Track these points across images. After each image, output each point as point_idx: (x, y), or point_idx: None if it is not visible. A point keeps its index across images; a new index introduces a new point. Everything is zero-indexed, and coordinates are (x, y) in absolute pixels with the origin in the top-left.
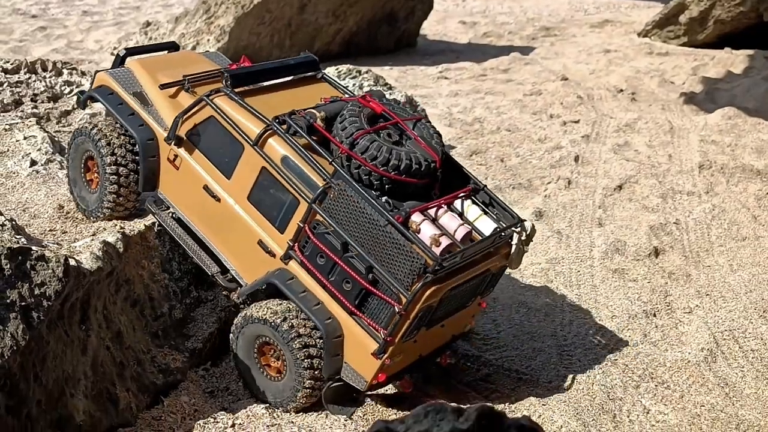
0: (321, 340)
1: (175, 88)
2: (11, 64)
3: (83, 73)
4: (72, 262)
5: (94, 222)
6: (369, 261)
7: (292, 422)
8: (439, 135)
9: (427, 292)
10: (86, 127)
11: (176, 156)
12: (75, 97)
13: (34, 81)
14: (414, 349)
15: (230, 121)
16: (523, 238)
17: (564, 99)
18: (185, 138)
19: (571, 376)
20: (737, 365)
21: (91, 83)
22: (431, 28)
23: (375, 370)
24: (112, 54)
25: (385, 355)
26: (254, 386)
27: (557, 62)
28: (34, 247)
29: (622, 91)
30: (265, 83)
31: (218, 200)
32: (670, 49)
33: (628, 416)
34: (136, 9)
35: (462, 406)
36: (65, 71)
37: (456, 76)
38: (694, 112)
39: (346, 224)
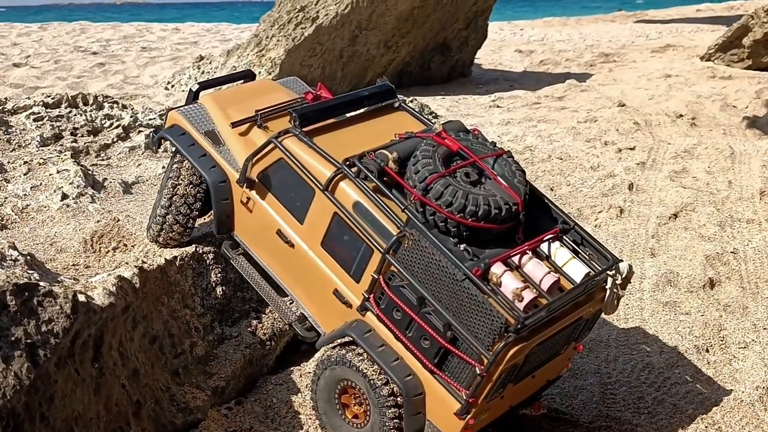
0: None
1: (248, 124)
2: (52, 98)
3: (124, 107)
4: (82, 298)
5: (119, 257)
6: (447, 317)
7: None
8: (523, 172)
9: (510, 352)
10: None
11: (249, 199)
12: (147, 139)
13: (75, 115)
14: (502, 404)
15: (299, 165)
16: (618, 281)
17: (620, 126)
18: (257, 180)
19: (613, 416)
20: None
21: (164, 123)
22: (486, 57)
23: (459, 430)
24: (166, 88)
25: (469, 416)
26: (333, 428)
27: (615, 88)
28: (41, 283)
29: (681, 116)
30: (338, 118)
31: (292, 246)
32: (734, 72)
33: None
34: (194, 44)
35: None
36: (106, 105)
37: (509, 104)
38: (758, 136)
39: (422, 277)
